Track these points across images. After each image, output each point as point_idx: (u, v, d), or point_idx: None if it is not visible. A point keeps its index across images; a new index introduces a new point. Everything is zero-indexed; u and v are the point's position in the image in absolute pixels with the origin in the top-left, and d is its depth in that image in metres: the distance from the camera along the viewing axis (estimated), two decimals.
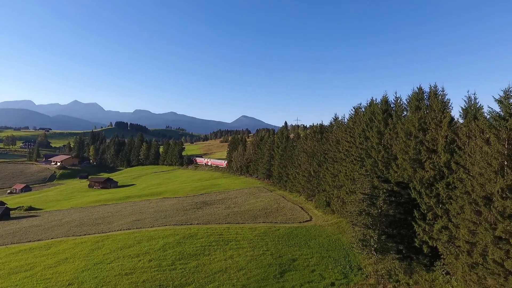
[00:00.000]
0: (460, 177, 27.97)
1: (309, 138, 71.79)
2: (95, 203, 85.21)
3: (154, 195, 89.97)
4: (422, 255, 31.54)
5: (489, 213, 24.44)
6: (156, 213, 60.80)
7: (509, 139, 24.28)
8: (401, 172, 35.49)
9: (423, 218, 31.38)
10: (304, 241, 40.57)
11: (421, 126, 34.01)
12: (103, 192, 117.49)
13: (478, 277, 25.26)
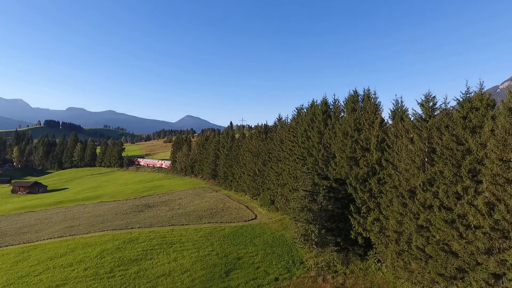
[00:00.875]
0: (389, 173, 30.74)
1: (254, 138, 72.91)
2: (20, 210, 76.49)
3: (90, 199, 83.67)
4: (357, 246, 34.03)
5: (413, 204, 27.25)
6: (92, 218, 56.64)
7: (429, 138, 27.34)
8: (339, 169, 37.83)
9: (358, 211, 33.85)
10: (249, 239, 41.10)
11: (356, 126, 36.64)
12: (30, 197, 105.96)
13: (404, 263, 28.02)
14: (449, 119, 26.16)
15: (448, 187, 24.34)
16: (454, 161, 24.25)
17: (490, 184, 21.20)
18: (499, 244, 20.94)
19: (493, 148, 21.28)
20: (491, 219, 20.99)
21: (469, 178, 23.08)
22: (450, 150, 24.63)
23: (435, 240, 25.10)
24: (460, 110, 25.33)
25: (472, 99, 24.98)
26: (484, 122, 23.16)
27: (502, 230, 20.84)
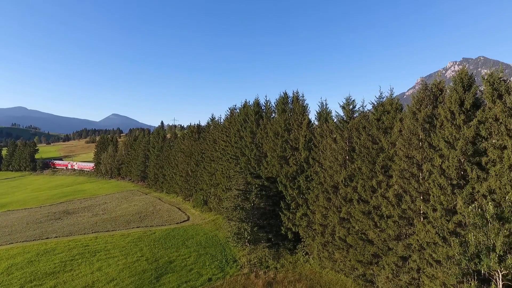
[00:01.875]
0: (315, 170, 32.88)
1: (187, 138, 71.32)
2: None
3: None
4: (287, 240, 35.67)
5: (336, 199, 29.58)
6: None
7: (349, 138, 29.96)
8: (270, 168, 39.16)
9: (288, 208, 35.50)
10: (182, 242, 40.11)
11: (286, 126, 38.38)
12: None
13: (328, 253, 30.24)
14: (366, 120, 29.04)
15: (365, 182, 27.01)
16: (370, 159, 26.99)
17: (399, 178, 24.14)
18: (406, 230, 23.96)
19: (401, 146, 24.28)
20: (399, 208, 23.91)
21: (382, 173, 25.93)
22: (367, 149, 27.36)
23: (355, 231, 27.63)
24: (375, 112, 28.33)
25: (384, 103, 28.12)
26: (394, 123, 26.26)
27: (408, 218, 23.90)
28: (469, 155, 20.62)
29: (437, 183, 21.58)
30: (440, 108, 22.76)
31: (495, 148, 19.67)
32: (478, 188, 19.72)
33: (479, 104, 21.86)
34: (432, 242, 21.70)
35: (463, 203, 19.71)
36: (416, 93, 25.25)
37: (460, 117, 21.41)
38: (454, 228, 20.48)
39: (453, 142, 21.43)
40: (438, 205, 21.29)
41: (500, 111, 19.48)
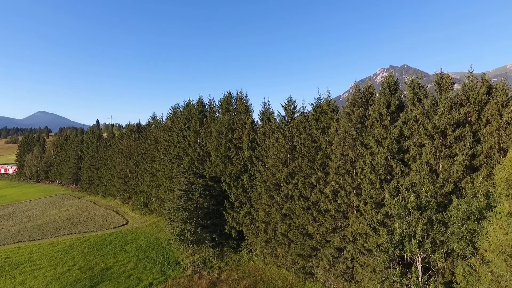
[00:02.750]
0: (259, 169, 33.55)
1: (126, 137, 67.56)
2: None
3: None
4: (231, 239, 35.82)
5: (278, 196, 30.52)
6: None
7: (291, 137, 31.12)
8: (214, 167, 38.95)
9: (232, 207, 35.66)
10: (120, 247, 37.90)
11: (230, 126, 38.52)
12: None
13: (271, 249, 31.07)
14: (306, 120, 30.47)
15: (305, 179, 28.32)
16: (309, 157, 28.37)
17: (335, 175, 25.77)
18: (341, 223, 25.67)
19: (337, 145, 25.96)
20: (335, 203, 25.53)
21: (320, 170, 27.43)
22: (307, 147, 28.72)
23: (296, 226, 28.80)
24: (314, 113, 29.87)
25: (322, 104, 29.79)
26: (331, 124, 27.95)
27: (343, 212, 25.63)
28: (394, 153, 22.85)
29: (368, 178, 23.52)
30: (371, 109, 24.86)
31: (415, 146, 22.09)
32: (402, 182, 21.95)
33: (403, 107, 24.36)
34: (364, 232, 23.58)
35: (389, 196, 21.78)
36: (350, 96, 27.22)
37: (387, 118, 23.62)
38: (383, 219, 22.51)
39: (382, 141, 23.55)
40: (368, 198, 23.21)
41: (420, 113, 21.94)
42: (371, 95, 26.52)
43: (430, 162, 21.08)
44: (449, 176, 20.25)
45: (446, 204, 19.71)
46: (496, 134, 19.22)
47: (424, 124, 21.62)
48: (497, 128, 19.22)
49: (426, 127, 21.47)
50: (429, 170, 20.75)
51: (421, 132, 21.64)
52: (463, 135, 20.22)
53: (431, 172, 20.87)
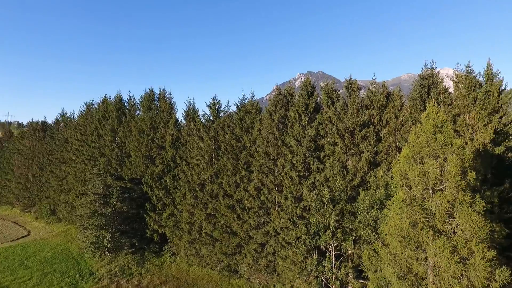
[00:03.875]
0: (183, 169, 32.74)
1: (27, 136, 59.21)
2: None
3: None
4: (153, 243, 34.20)
5: (203, 196, 30.22)
6: None
7: (215, 136, 31.12)
8: (134, 168, 36.71)
9: (153, 209, 34.05)
10: (19, 262, 33.03)
11: (153, 125, 36.80)
12: None
13: (195, 250, 30.59)
14: (231, 120, 30.85)
15: (230, 178, 28.63)
16: (234, 156, 28.77)
17: (258, 173, 26.62)
18: (264, 219, 26.61)
19: (260, 144, 26.87)
20: (258, 200, 26.37)
21: (244, 169, 28.03)
22: (231, 147, 29.07)
23: (220, 225, 28.89)
24: (238, 113, 30.42)
25: (246, 104, 30.53)
26: (254, 123, 28.80)
27: (265, 208, 26.62)
28: (311, 151, 24.63)
29: (289, 175, 24.90)
30: (291, 110, 26.38)
31: (329, 144, 24.16)
32: (318, 177, 23.78)
33: (319, 109, 26.44)
34: (285, 227, 24.85)
35: (307, 191, 23.39)
36: (272, 97, 28.48)
37: (305, 119, 25.36)
38: (301, 213, 24.04)
39: (301, 140, 25.17)
40: (289, 194, 24.56)
41: (333, 114, 24.08)
42: (291, 97, 28.14)
43: (341, 159, 23.29)
44: (357, 171, 22.69)
45: (355, 196, 22.01)
46: (393, 134, 22.21)
47: (337, 124, 23.80)
48: (394, 128, 22.23)
49: (338, 127, 23.67)
50: (341, 166, 22.91)
51: (334, 131, 23.79)
52: (368, 134, 22.86)
53: (342, 168, 23.08)
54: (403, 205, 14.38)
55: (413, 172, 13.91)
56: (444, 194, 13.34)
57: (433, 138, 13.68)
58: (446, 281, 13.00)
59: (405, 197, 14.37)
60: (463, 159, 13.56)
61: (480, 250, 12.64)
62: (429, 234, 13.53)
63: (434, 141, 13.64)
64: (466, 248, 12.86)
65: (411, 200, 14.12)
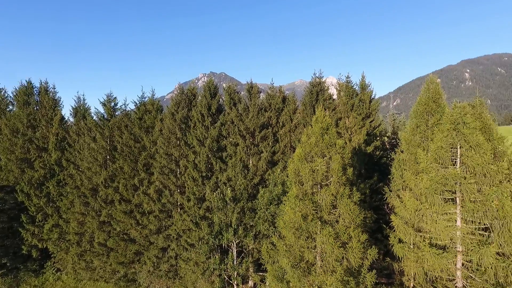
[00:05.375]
0: (70, 173, 29.01)
1: None
2: None
3: None
4: (31, 261, 29.37)
5: (96, 202, 27.38)
6: None
7: (111, 137, 28.58)
8: (5, 174, 30.82)
9: (32, 221, 29.22)
10: None
11: (31, 122, 31.54)
12: None
13: (86, 263, 27.49)
14: (128, 119, 28.77)
15: (127, 181, 26.69)
16: (132, 157, 26.93)
17: (159, 175, 25.55)
18: (166, 222, 25.69)
19: (161, 144, 25.83)
20: (160, 203, 25.30)
21: (144, 171, 26.52)
22: (129, 148, 27.14)
23: (116, 232, 26.66)
24: (137, 112, 28.61)
25: (146, 103, 28.94)
26: (155, 123, 27.53)
27: (167, 211, 25.72)
28: (214, 151, 24.90)
29: (191, 176, 24.61)
30: (194, 111, 26.15)
31: (231, 145, 24.84)
32: (220, 177, 24.18)
33: (221, 110, 26.92)
34: (187, 228, 24.47)
35: (210, 191, 23.56)
36: (174, 97, 27.72)
37: (208, 119, 25.50)
38: (204, 213, 24.05)
39: (203, 140, 25.17)
40: (191, 195, 24.28)
41: (235, 115, 24.84)
42: (194, 97, 27.90)
43: (243, 158, 24.21)
44: (257, 170, 23.93)
45: (255, 193, 23.17)
46: (288, 135, 24.21)
47: (238, 125, 24.65)
48: (289, 130, 24.25)
49: (240, 128, 24.54)
50: (242, 165, 23.81)
51: (236, 132, 24.57)
52: (267, 135, 24.37)
53: (244, 167, 24.01)
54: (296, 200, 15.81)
55: (304, 169, 15.43)
56: (329, 188, 15.20)
57: (320, 139, 15.45)
58: (330, 264, 14.83)
59: (298, 192, 15.84)
60: (344, 157, 15.72)
61: (356, 235, 14.85)
62: (317, 224, 15.20)
63: (321, 142, 15.41)
64: (346, 234, 14.92)
65: (303, 195, 15.64)
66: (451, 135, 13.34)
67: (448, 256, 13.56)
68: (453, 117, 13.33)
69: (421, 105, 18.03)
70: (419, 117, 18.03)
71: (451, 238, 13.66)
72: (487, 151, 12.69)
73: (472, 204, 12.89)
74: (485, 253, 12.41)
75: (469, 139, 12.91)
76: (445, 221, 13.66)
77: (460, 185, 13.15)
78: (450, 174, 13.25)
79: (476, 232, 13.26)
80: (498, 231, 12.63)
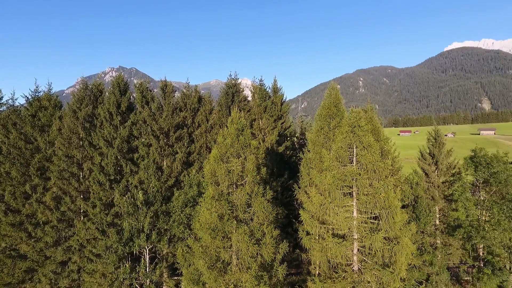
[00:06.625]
0: None
1: None
2: None
3: None
4: None
5: None
6: None
7: None
8: None
9: None
10: None
11: None
12: None
13: None
14: (17, 116, 24.77)
15: (16, 188, 22.97)
16: (22, 160, 23.28)
17: (58, 179, 22.66)
18: (66, 233, 22.91)
19: (60, 145, 22.95)
20: (58, 212, 22.46)
21: (38, 176, 23.18)
22: (19, 149, 23.40)
23: (1, 249, 22.69)
24: (29, 108, 24.83)
25: (41, 98, 25.34)
26: (52, 121, 24.31)
27: (68, 220, 22.99)
28: (124, 152, 23.24)
29: (97, 180, 22.48)
30: (100, 108, 23.95)
31: (144, 145, 23.55)
32: (131, 180, 22.70)
33: (133, 108, 25.29)
34: (92, 238, 22.27)
35: (119, 195, 21.90)
36: (77, 92, 24.93)
37: (117, 118, 23.67)
38: (112, 220, 22.24)
39: (112, 141, 23.26)
40: (97, 201, 22.20)
41: (147, 115, 23.62)
42: (100, 93, 25.57)
43: (156, 160, 23.17)
44: (171, 172, 23.18)
45: (169, 196, 22.41)
46: (204, 135, 24.09)
47: (151, 125, 23.50)
48: (205, 130, 24.15)
49: (153, 128, 23.42)
50: (156, 167, 22.78)
51: (149, 132, 23.38)
52: (182, 135, 23.82)
53: (157, 169, 23.01)
54: (213, 201, 15.86)
55: (220, 170, 15.59)
56: (244, 187, 15.67)
57: (236, 140, 15.81)
58: (246, 261, 15.31)
59: (214, 193, 15.91)
60: (258, 157, 16.40)
61: (269, 231, 15.64)
62: (233, 224, 15.52)
63: (237, 143, 15.78)
64: (260, 231, 15.59)
65: (219, 195, 15.77)
66: (349, 136, 15.13)
67: (347, 244, 15.34)
68: (351, 120, 15.14)
69: (325, 109, 19.98)
70: (323, 119, 19.94)
71: (349, 228, 15.48)
72: (376, 150, 14.77)
73: (365, 196, 14.84)
74: (375, 238, 14.43)
75: (363, 140, 14.84)
76: (344, 213, 15.41)
77: (356, 181, 15.01)
78: (348, 171, 15.01)
79: (368, 221, 15.29)
80: (385, 218, 14.81)
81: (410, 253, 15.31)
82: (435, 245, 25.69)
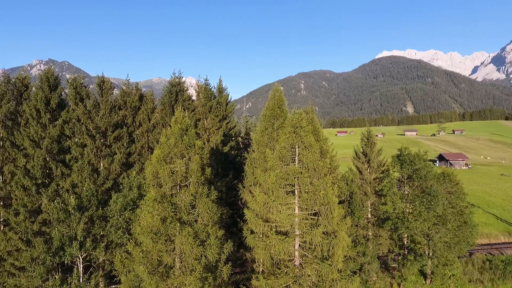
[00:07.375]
0: None
1: None
2: None
3: None
4: None
5: None
6: None
7: None
8: None
9: None
10: None
11: None
12: None
13: None
14: None
15: None
16: None
17: None
18: None
19: None
20: None
21: None
22: None
23: None
24: None
25: None
26: None
27: None
28: (54, 153, 21.21)
29: (21, 184, 20.17)
30: (25, 105, 21.54)
31: (77, 146, 21.75)
32: (62, 184, 20.80)
33: (64, 105, 23.18)
34: (15, 249, 19.95)
35: (48, 201, 19.93)
36: None
37: (46, 116, 21.51)
38: (39, 228, 20.16)
39: (39, 141, 21.07)
40: (21, 208, 19.91)
41: (82, 113, 21.87)
42: (26, 88, 23.05)
43: (91, 161, 21.56)
44: (109, 174, 21.76)
45: (107, 199, 21.01)
46: (146, 135, 23.07)
47: (86, 124, 21.81)
48: (147, 130, 23.14)
49: (88, 127, 21.75)
50: (91, 169, 21.20)
51: (83, 132, 21.66)
52: (121, 135, 22.51)
53: (93, 171, 21.43)
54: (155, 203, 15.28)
55: (164, 171, 15.08)
56: (189, 188, 15.37)
57: (180, 140, 15.44)
58: (190, 264, 15.03)
59: (157, 195, 15.34)
60: (203, 157, 16.21)
61: (214, 232, 15.55)
62: (176, 226, 15.13)
63: (181, 143, 15.42)
64: (204, 232, 15.43)
65: (161, 197, 15.25)
66: (292, 136, 15.73)
67: (289, 240, 15.93)
68: (293, 121, 15.76)
69: (269, 110, 20.50)
70: (267, 120, 20.44)
71: (291, 225, 16.10)
72: (316, 150, 15.59)
73: (306, 194, 15.57)
74: (315, 233, 15.21)
75: (304, 140, 15.55)
76: (287, 210, 15.98)
77: (298, 179, 15.67)
78: (291, 170, 15.60)
79: (309, 217, 16.06)
80: (324, 214, 15.69)
81: (346, 245, 16.41)
82: (367, 237, 27.97)
